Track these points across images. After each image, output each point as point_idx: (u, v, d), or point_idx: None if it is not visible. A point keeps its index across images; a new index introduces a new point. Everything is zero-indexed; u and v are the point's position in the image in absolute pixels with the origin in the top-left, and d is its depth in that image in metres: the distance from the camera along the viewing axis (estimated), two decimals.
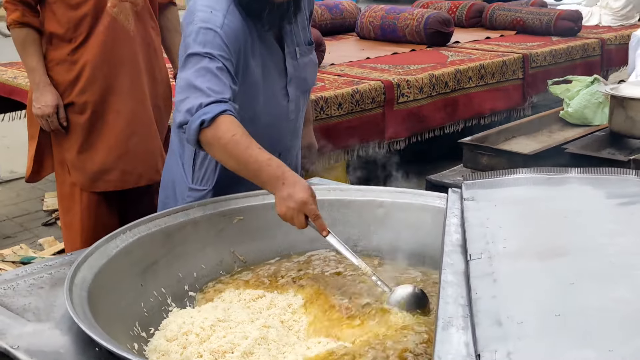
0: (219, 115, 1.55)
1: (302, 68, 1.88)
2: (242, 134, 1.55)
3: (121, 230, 1.48)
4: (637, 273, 1.11)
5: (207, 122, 1.55)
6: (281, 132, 1.89)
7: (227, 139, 1.54)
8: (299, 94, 1.90)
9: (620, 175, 1.52)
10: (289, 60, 1.84)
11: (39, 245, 3.35)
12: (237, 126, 1.56)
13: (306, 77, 1.91)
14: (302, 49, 1.87)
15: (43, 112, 2.34)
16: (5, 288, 1.34)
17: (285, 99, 1.86)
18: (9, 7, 2.31)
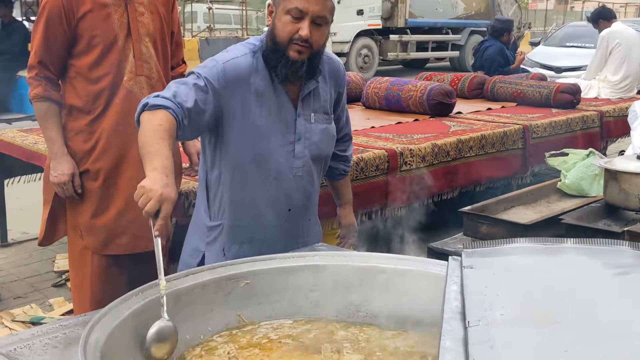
0: (161, 107, 1.76)
1: (315, 132, 2.02)
2: (167, 129, 1.72)
3: (133, 292, 1.53)
4: (629, 341, 1.16)
5: (150, 106, 1.76)
6: (290, 186, 2.01)
7: (152, 124, 1.72)
8: (307, 155, 2.02)
9: (614, 246, 1.58)
10: (300, 121, 1.99)
11: (48, 306, 3.39)
12: (169, 122, 1.75)
13: (318, 143, 2.03)
14: (318, 116, 2.03)
15: (60, 180, 2.44)
16: (22, 347, 1.39)
17: (292, 154, 1.99)
18: (33, 82, 2.44)
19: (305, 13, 1.85)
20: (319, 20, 1.88)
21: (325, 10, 1.88)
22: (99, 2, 2.41)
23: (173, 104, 1.78)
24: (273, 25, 1.92)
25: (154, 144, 1.67)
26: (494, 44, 7.00)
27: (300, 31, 1.86)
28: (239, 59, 1.92)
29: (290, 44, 1.88)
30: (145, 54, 2.50)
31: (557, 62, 10.98)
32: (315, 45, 1.90)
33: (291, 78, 1.92)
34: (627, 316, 1.26)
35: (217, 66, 1.89)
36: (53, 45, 2.40)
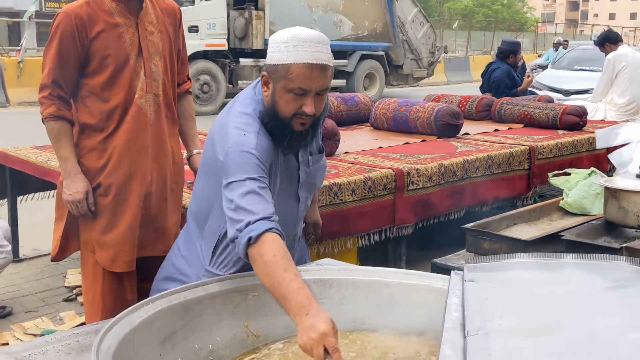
0: (264, 232, 1.67)
1: (313, 174, 2.05)
2: (283, 255, 1.64)
3: (144, 302, 1.59)
4: (621, 351, 1.20)
5: (254, 238, 1.66)
6: (289, 228, 2.02)
7: (268, 258, 1.63)
8: (307, 196, 2.07)
9: (612, 261, 1.62)
10: (302, 169, 2.00)
11: (59, 320, 3.44)
12: (280, 246, 1.66)
13: (315, 182, 2.08)
14: (314, 157, 2.04)
15: (74, 198, 2.48)
16: (36, 353, 1.44)
17: (296, 201, 2.03)
18: (45, 102, 2.47)
19: (308, 91, 1.82)
20: (322, 92, 1.85)
21: (327, 81, 1.85)
22: (110, 22, 2.47)
23: (267, 221, 1.70)
24: (273, 100, 1.86)
25: (280, 282, 1.60)
26: (501, 66, 7.07)
27: (304, 107, 1.82)
28: (260, 137, 1.85)
29: (294, 118, 1.85)
30: (154, 72, 2.57)
31: (565, 85, 11.03)
32: (318, 113, 1.88)
33: (297, 148, 1.93)
34: (622, 327, 1.30)
35: (253, 156, 1.80)
36: (66, 65, 2.45)
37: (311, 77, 1.79)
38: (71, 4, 2.44)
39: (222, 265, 2.02)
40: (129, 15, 2.50)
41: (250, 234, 1.67)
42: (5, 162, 4.18)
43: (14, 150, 4.21)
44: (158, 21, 2.59)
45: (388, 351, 1.68)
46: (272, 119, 1.87)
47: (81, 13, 2.41)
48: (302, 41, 1.81)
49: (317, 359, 1.46)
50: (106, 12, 2.46)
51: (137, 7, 2.52)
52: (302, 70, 1.79)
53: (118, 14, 2.48)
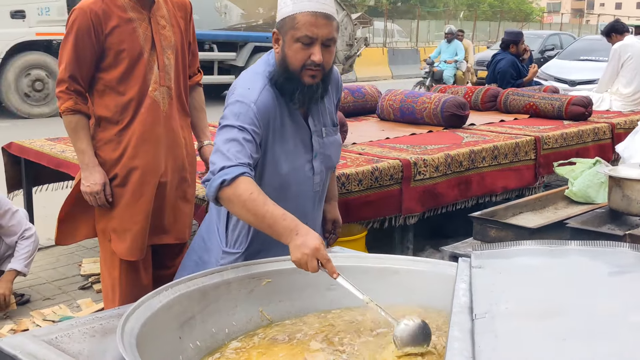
0: (238, 176, 1.80)
1: (327, 146, 2.10)
2: (259, 192, 1.79)
3: (164, 287, 1.65)
4: (623, 332, 1.26)
5: (228, 181, 1.80)
6: (307, 202, 2.09)
7: (246, 197, 1.78)
8: (323, 169, 2.11)
9: (615, 247, 1.68)
10: (315, 138, 2.06)
11: (76, 307, 3.53)
12: (254, 185, 1.80)
13: (331, 155, 2.12)
14: (328, 129, 2.10)
15: (92, 190, 2.55)
16: (62, 335, 1.51)
17: (311, 172, 2.07)
18: (63, 96, 2.54)
19: (315, 39, 1.89)
20: (328, 42, 1.92)
21: (333, 31, 1.92)
22: (124, 17, 2.53)
23: (242, 167, 1.82)
24: (283, 54, 1.94)
25: (264, 214, 1.75)
26: (505, 57, 7.10)
27: (312, 57, 1.90)
28: (263, 94, 1.95)
29: (303, 70, 1.92)
30: (167, 65, 2.63)
31: (571, 76, 11.04)
32: (327, 65, 1.95)
33: (308, 103, 2.00)
34: (624, 310, 1.36)
35: (250, 109, 1.91)
36: (82, 60, 2.51)
37: (316, 24, 1.89)
38: (85, 0, 2.50)
39: (236, 242, 2.08)
40: (141, 10, 2.56)
41: (224, 177, 1.80)
42: (20, 154, 4.26)
43: (29, 142, 4.29)
44: (170, 15, 2.65)
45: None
46: (282, 73, 1.95)
47: (96, 9, 2.47)
48: None
49: (312, 270, 1.66)
50: (120, 7, 2.52)
51: (150, 1, 2.58)
52: (307, 18, 1.89)
53: (131, 9, 2.54)
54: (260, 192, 1.79)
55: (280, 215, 1.75)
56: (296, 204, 2.02)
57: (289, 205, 1.92)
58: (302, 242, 1.68)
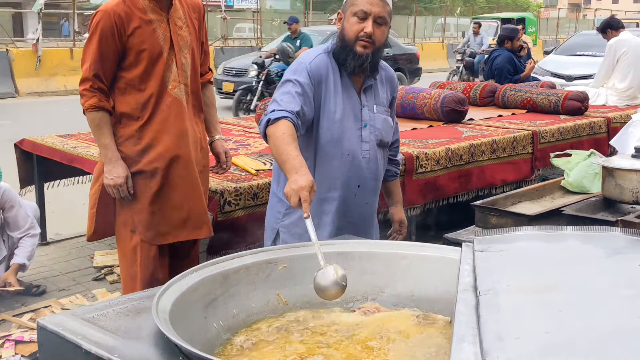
0: (280, 118, 2.15)
1: (377, 120, 2.40)
2: (290, 135, 2.11)
3: (189, 271, 1.77)
4: (614, 303, 1.38)
5: (272, 120, 2.16)
6: (361, 165, 2.38)
7: (278, 134, 2.12)
8: (373, 140, 2.40)
9: (608, 232, 1.80)
10: (365, 110, 2.38)
11: (91, 297, 3.65)
12: (290, 128, 2.13)
13: (380, 130, 2.41)
14: (379, 108, 2.42)
15: (115, 183, 2.68)
16: (99, 315, 1.63)
17: (360, 139, 2.37)
18: (87, 94, 2.67)
19: (368, 14, 2.25)
20: (380, 20, 2.27)
21: (385, 12, 2.27)
22: (145, 18, 2.66)
23: (287, 112, 2.18)
24: (342, 27, 2.31)
25: (282, 152, 2.07)
26: (502, 53, 7.23)
27: (365, 29, 2.25)
28: (318, 57, 2.33)
29: (357, 40, 2.27)
30: (184, 64, 2.76)
31: (568, 71, 11.15)
32: (378, 41, 2.28)
33: (358, 70, 2.31)
34: (616, 286, 1.48)
35: (304, 67, 2.29)
36: (106, 59, 2.64)
37: (371, 2, 2.25)
38: (108, 3, 2.64)
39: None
40: (160, 12, 2.69)
41: (270, 116, 2.17)
42: (32, 150, 4.37)
43: (41, 139, 4.40)
44: (185, 17, 2.78)
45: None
46: (340, 43, 2.32)
47: (119, 11, 2.60)
48: None
49: (293, 204, 1.92)
50: (140, 9, 2.65)
51: (168, 3, 2.70)
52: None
53: (151, 11, 2.67)
54: (291, 135, 2.11)
55: (294, 156, 2.04)
56: (350, 164, 2.35)
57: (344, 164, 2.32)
58: (294, 180, 1.94)
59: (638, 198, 2.54)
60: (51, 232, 4.82)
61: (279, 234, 2.44)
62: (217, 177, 3.22)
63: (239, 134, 4.84)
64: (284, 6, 29.76)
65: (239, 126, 5.22)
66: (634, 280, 1.48)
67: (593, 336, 1.24)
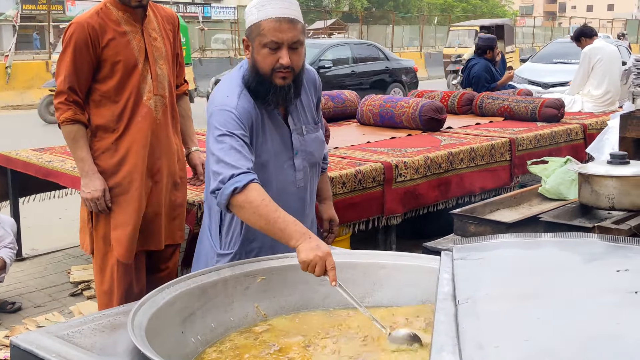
0: (249, 183, 1.90)
1: (309, 143, 2.20)
2: (270, 199, 1.90)
3: (166, 285, 1.75)
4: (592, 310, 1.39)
5: (240, 188, 1.90)
6: (291, 197, 2.18)
7: (258, 203, 1.89)
8: (306, 165, 2.20)
9: (585, 238, 1.81)
10: (295, 136, 2.16)
11: (68, 313, 3.59)
12: (264, 193, 1.91)
13: (313, 151, 2.21)
14: (308, 127, 2.20)
15: (93, 196, 2.65)
16: (73, 331, 1.60)
17: (292, 168, 2.17)
18: (62, 107, 2.63)
19: (280, 43, 1.99)
20: (295, 45, 2.02)
21: (298, 33, 2.01)
22: (119, 30, 2.64)
23: (250, 174, 1.93)
24: (253, 59, 2.05)
25: (275, 219, 1.87)
26: (479, 62, 7.30)
27: (280, 60, 2.00)
28: (242, 99, 2.06)
29: (273, 73, 2.02)
30: (160, 75, 2.74)
31: (544, 78, 11.29)
32: (297, 67, 2.04)
33: (282, 103, 2.10)
34: (594, 292, 1.49)
35: (232, 115, 2.01)
36: (80, 71, 2.61)
37: (281, 29, 1.99)
38: (82, 15, 2.62)
39: (230, 244, 2.18)
40: (134, 23, 2.67)
41: (235, 185, 1.90)
42: (7, 165, 4.31)
43: (15, 153, 4.33)
44: (160, 28, 2.77)
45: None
46: (254, 77, 2.06)
47: (93, 23, 2.58)
48: (269, 1, 2.01)
49: (319, 272, 1.77)
50: (114, 21, 2.63)
51: (142, 15, 2.69)
52: (271, 24, 1.99)
53: (125, 23, 2.65)
54: (271, 200, 1.90)
55: (292, 221, 1.86)
56: (281, 198, 2.08)
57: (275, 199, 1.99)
58: (316, 245, 1.79)
59: (614, 204, 2.56)
60: (27, 248, 4.75)
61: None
62: (194, 189, 3.20)
63: None
64: None
65: None
66: (612, 287, 1.48)
67: (572, 343, 1.24)
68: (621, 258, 1.64)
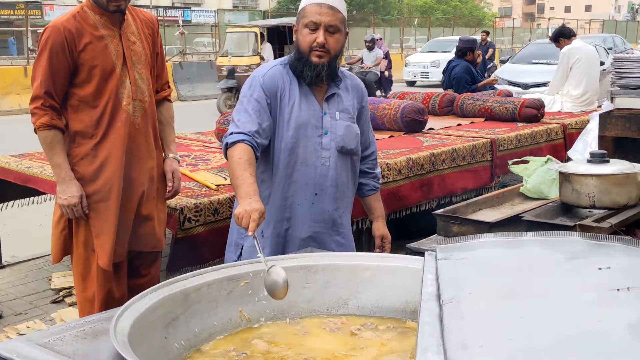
0: (237, 142, 2.22)
1: (339, 127, 2.40)
2: (247, 159, 2.17)
3: (149, 290, 1.72)
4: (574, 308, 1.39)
5: (230, 144, 2.24)
6: (318, 173, 2.38)
7: (235, 159, 2.18)
8: (334, 147, 2.39)
9: (566, 237, 1.82)
10: (326, 118, 2.38)
11: (49, 321, 3.55)
12: (246, 152, 2.19)
13: (342, 136, 2.40)
14: (342, 115, 2.42)
15: (69, 203, 2.61)
16: (55, 339, 1.57)
17: (320, 145, 2.38)
18: (38, 112, 2.59)
19: (319, 24, 2.28)
20: (332, 29, 2.29)
21: (336, 20, 2.30)
22: (96, 34, 2.61)
23: (244, 134, 2.24)
24: (297, 39, 2.35)
25: (237, 176, 2.14)
26: (460, 63, 7.34)
27: (317, 39, 2.28)
28: (272, 70, 2.37)
29: (311, 51, 2.30)
30: (138, 79, 2.71)
31: (524, 79, 11.38)
32: (332, 50, 2.31)
33: (316, 79, 2.33)
34: (576, 290, 1.50)
35: (258, 82, 2.33)
36: (57, 76, 2.57)
37: (320, 12, 2.28)
38: (59, 18, 2.58)
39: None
40: (112, 27, 2.64)
41: (227, 140, 2.25)
42: None
43: None
44: (138, 31, 2.73)
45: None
46: (296, 55, 2.35)
47: (69, 26, 2.55)
48: None
49: (244, 224, 2.00)
50: (91, 25, 2.60)
51: (120, 19, 2.66)
52: (313, 7, 2.30)
53: (102, 27, 2.62)
54: (247, 160, 2.16)
55: (249, 183, 2.10)
56: (304, 171, 2.36)
57: (298, 170, 2.33)
58: (247, 203, 2.03)
59: (595, 202, 2.59)
60: (7, 255, 4.69)
61: (243, 250, 2.44)
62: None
63: (198, 149, 4.79)
64: (242, 20, 29.79)
65: (198, 141, 5.17)
66: (594, 284, 1.49)
67: (556, 341, 1.25)
68: (603, 256, 1.65)
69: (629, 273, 1.56)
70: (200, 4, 40.95)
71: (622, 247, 1.67)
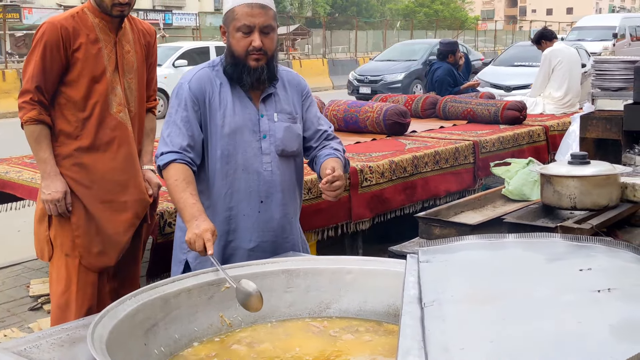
0: (170, 162, 2.14)
1: (277, 129, 2.26)
2: (183, 180, 2.10)
3: (127, 296, 1.70)
4: (556, 310, 1.39)
5: (162, 166, 2.16)
6: (261, 180, 2.25)
7: (171, 182, 2.12)
8: (274, 151, 2.26)
9: (548, 238, 1.83)
10: (264, 120, 2.25)
11: (28, 329, 3.50)
12: (181, 172, 2.11)
13: (282, 139, 2.27)
14: (281, 116, 2.28)
15: (53, 198, 2.59)
16: (31, 347, 1.55)
17: (260, 150, 2.25)
18: (26, 106, 2.57)
19: (253, 27, 2.15)
20: (266, 29, 2.18)
21: (269, 19, 2.18)
22: (92, 37, 2.60)
23: (175, 153, 2.15)
24: (229, 43, 2.21)
25: (177, 199, 2.09)
26: (442, 66, 7.36)
27: (253, 43, 2.16)
28: (199, 73, 2.25)
29: (247, 55, 2.18)
30: (127, 88, 2.70)
31: (506, 81, 11.44)
32: (269, 50, 2.19)
33: (256, 84, 2.22)
34: (557, 292, 1.50)
35: (184, 88, 2.21)
36: (49, 72, 2.56)
37: (252, 14, 2.15)
38: (57, 16, 2.59)
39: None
40: (109, 33, 2.64)
41: (159, 163, 2.17)
42: None
43: None
44: (134, 41, 2.73)
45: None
46: (230, 60, 2.22)
47: (66, 25, 2.55)
48: None
49: (198, 248, 1.96)
50: (89, 27, 2.60)
51: (118, 25, 2.65)
52: (244, 9, 2.16)
53: (100, 30, 2.62)
54: (184, 180, 2.10)
55: (190, 204, 2.05)
56: (246, 178, 2.24)
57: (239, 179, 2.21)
58: (196, 225, 1.98)
59: (576, 204, 2.60)
60: None
61: (188, 264, 2.31)
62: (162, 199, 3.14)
63: None
64: None
65: None
66: (575, 286, 1.49)
67: (537, 343, 1.24)
68: (584, 257, 1.65)
69: (610, 274, 1.56)
70: (182, 6, 40.82)
71: (603, 249, 1.68)
